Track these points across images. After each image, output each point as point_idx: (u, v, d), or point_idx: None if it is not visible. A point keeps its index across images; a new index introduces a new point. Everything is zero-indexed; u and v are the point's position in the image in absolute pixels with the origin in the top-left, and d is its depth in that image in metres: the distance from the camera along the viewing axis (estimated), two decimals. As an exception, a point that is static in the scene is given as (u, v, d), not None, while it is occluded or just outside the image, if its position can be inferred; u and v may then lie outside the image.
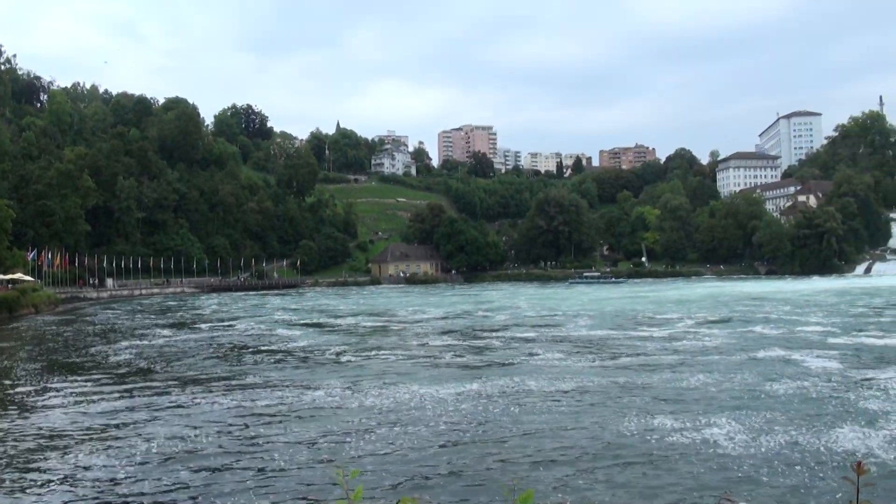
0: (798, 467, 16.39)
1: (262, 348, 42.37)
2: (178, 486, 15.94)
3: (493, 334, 48.74)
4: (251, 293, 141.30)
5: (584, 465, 17.03)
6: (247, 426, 21.34)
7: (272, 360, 36.45)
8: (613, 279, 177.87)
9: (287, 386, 28.14)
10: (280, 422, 21.86)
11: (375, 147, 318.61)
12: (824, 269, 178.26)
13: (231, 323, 64.16)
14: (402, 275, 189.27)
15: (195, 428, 21.05)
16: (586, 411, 22.83)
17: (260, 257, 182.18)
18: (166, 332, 55.90)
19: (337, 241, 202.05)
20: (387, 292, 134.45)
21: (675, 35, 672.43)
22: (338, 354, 38.29)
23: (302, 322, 63.93)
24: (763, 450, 17.75)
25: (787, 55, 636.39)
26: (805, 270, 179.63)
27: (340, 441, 19.29)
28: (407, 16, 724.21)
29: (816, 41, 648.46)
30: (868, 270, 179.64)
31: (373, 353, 38.69)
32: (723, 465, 16.69)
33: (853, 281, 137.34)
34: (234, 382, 29.63)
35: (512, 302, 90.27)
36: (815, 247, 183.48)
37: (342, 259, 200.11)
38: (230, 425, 21.50)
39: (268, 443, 19.38)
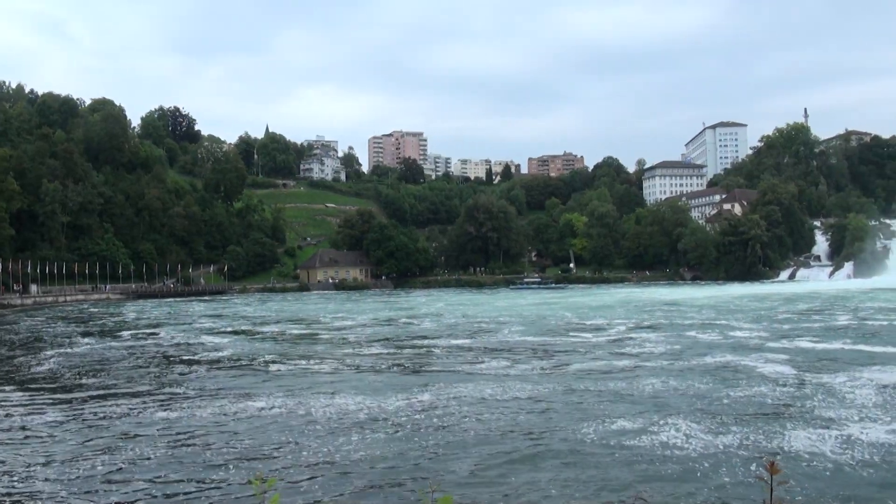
0: (741, 468, 16.70)
1: (187, 357, 40.98)
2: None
3: (428, 341, 48.36)
4: (177, 300, 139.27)
5: (526, 469, 17.09)
6: (171, 440, 20.43)
7: (198, 370, 35.27)
8: (554, 284, 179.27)
9: (213, 397, 27.25)
10: (206, 433, 21.12)
11: (305, 152, 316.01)
12: (749, 275, 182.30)
13: (154, 331, 62.49)
14: (331, 281, 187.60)
15: (114, 444, 20.06)
16: (531, 418, 22.81)
17: (186, 263, 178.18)
18: (88, 340, 53.94)
19: (265, 246, 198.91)
20: (315, 299, 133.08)
21: (603, 47, 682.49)
22: (266, 363, 37.17)
23: (228, 329, 62.63)
24: (700, 450, 17.98)
25: (714, 68, 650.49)
26: (730, 277, 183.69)
27: (268, 454, 18.69)
28: (337, 20, 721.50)
29: (742, 55, 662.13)
30: (792, 276, 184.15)
31: (302, 361, 37.76)
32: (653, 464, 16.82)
33: (775, 287, 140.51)
34: (156, 393, 28.54)
35: (444, 308, 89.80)
36: (740, 253, 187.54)
37: (270, 265, 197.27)
38: (154, 438, 20.63)
39: (194, 455, 18.71)
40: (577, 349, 41.20)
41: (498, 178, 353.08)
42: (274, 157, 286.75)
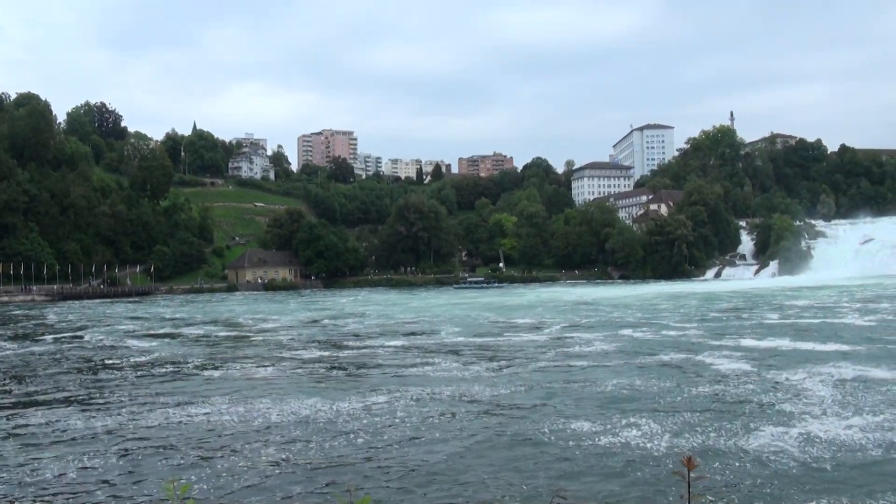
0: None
1: (114, 362, 39.32)
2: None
3: (368, 342, 47.79)
4: (103, 301, 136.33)
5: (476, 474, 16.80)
6: (99, 449, 19.58)
7: (127, 376, 33.85)
8: (497, 284, 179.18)
9: (148, 404, 26.17)
10: (142, 442, 20.27)
11: (233, 150, 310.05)
12: (675, 274, 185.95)
13: (78, 333, 61.01)
14: (259, 281, 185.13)
15: (36, 456, 19.04)
16: (493, 419, 22.51)
17: (113, 263, 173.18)
18: (10, 344, 52.26)
19: (192, 246, 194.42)
20: (243, 299, 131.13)
21: (534, 48, 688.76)
22: (197, 368, 35.96)
23: (155, 332, 61.41)
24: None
25: (642, 71, 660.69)
26: (657, 275, 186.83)
27: (194, 462, 18.03)
28: (269, 17, 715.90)
29: (670, 59, 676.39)
30: (718, 275, 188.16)
31: (235, 365, 36.75)
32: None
33: (702, 285, 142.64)
34: (85, 401, 27.30)
35: (377, 308, 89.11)
36: (667, 253, 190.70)
37: (198, 265, 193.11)
38: (81, 450, 19.72)
39: (122, 465, 18.04)
40: (523, 349, 41.00)
41: (429, 177, 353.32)
42: (202, 155, 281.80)
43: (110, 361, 40.17)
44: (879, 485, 15.61)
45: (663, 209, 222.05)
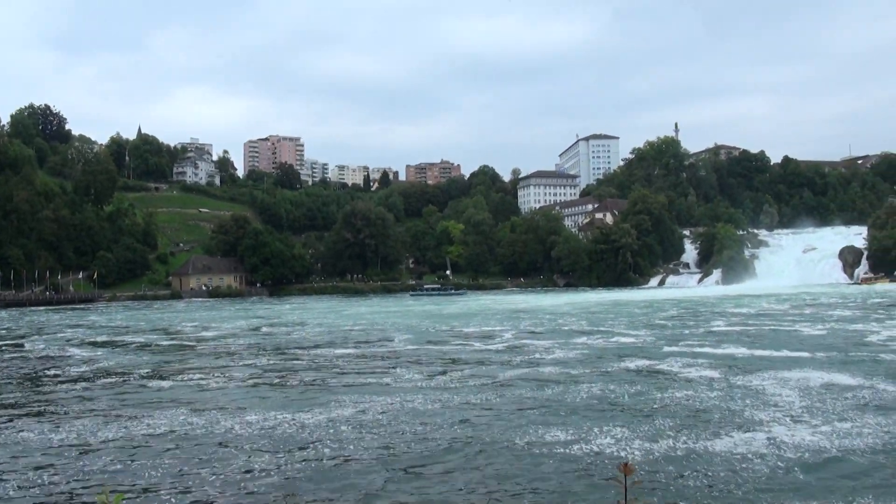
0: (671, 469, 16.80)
1: (56, 373, 38.24)
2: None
3: (320, 350, 47.15)
4: (45, 308, 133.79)
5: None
6: (42, 463, 19.06)
7: (72, 387, 32.87)
8: (453, 291, 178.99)
9: (96, 416, 25.39)
10: (96, 455, 19.73)
11: (178, 154, 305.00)
12: (620, 281, 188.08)
13: (20, 342, 60.06)
14: (204, 288, 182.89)
15: None
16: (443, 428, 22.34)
17: (55, 269, 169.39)
18: None
19: (136, 252, 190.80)
20: (188, 307, 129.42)
21: (482, 57, 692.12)
22: (144, 378, 35.11)
23: (99, 341, 60.36)
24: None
25: (589, 82, 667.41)
26: (602, 283, 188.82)
27: (161, 478, 17.42)
28: (216, 21, 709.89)
29: (617, 70, 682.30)
30: (662, 283, 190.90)
31: (183, 376, 35.74)
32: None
33: (647, 293, 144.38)
34: (31, 413, 26.57)
35: (326, 316, 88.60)
36: (612, 261, 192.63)
37: (142, 272, 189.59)
38: (38, 463, 19.31)
39: (84, 483, 17.44)
40: (483, 357, 40.92)
41: (376, 184, 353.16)
42: (146, 160, 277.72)
43: (54, 372, 38.93)
44: (843, 488, 15.87)
45: (608, 218, 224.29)
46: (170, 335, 65.18)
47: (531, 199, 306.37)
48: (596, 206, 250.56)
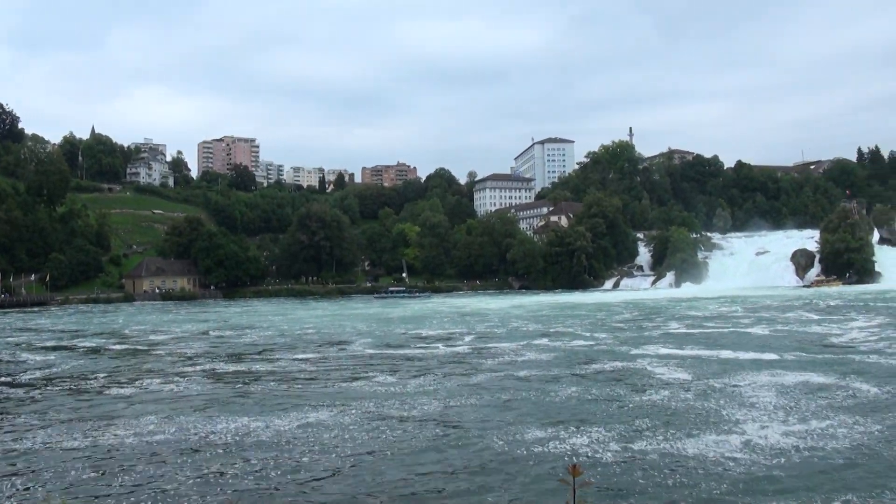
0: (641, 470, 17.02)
1: (9, 379, 37.48)
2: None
3: (280, 355, 46.77)
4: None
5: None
6: (26, 475, 18.60)
7: (28, 394, 32.31)
8: (419, 293, 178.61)
9: (57, 423, 24.81)
10: (50, 463, 19.36)
11: (131, 155, 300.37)
12: (575, 284, 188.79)
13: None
14: (157, 291, 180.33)
15: None
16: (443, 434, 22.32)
17: (7, 272, 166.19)
18: None
19: (89, 254, 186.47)
20: (142, 310, 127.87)
21: (439, 60, 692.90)
22: (104, 384, 34.51)
23: (53, 345, 59.22)
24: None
25: (544, 86, 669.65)
26: (557, 286, 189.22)
27: (135, 487, 17.20)
28: (171, 21, 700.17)
29: (572, 75, 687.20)
30: (616, 285, 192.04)
31: (141, 381, 35.18)
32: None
33: (602, 295, 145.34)
34: None
35: (284, 320, 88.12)
36: (567, 263, 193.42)
37: (95, 274, 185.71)
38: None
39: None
40: (446, 361, 41.00)
41: (331, 186, 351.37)
42: (100, 160, 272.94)
43: (6, 378, 38.11)
44: (821, 486, 16.12)
45: (563, 221, 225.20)
46: (123, 339, 63.91)
47: (487, 201, 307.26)
48: (551, 209, 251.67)
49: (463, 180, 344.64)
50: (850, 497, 15.49)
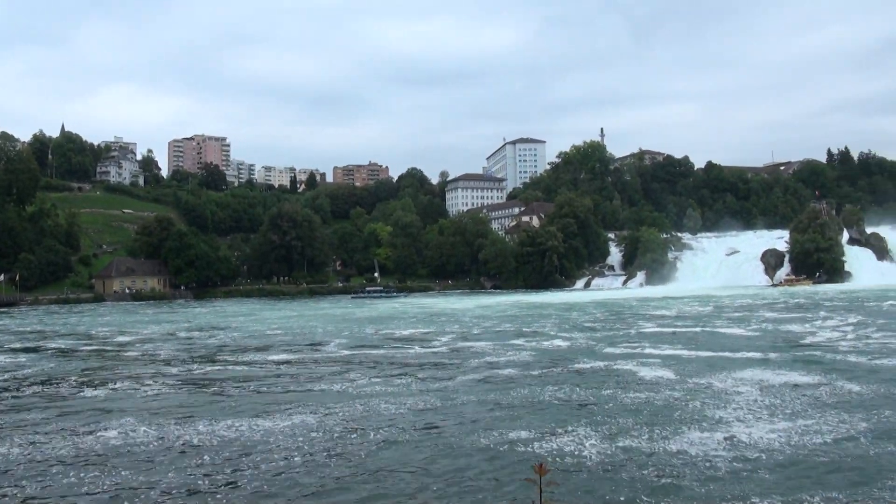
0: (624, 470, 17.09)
1: None
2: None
3: (257, 356, 46.21)
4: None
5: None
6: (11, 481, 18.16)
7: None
8: (395, 293, 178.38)
9: (29, 428, 24.22)
10: (31, 468, 19.02)
11: (102, 153, 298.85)
12: (546, 283, 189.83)
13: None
14: (127, 291, 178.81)
15: None
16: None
17: None
18: None
19: (59, 254, 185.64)
20: (112, 310, 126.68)
21: (410, 60, 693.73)
22: (78, 386, 33.95)
23: (19, 346, 58.78)
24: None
25: (516, 87, 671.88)
26: (528, 285, 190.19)
27: (130, 493, 16.98)
28: (142, 18, 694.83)
29: (544, 75, 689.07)
30: (587, 285, 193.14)
31: (117, 382, 34.55)
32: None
33: (573, 295, 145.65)
34: None
35: (254, 321, 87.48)
36: (538, 263, 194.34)
37: (65, 274, 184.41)
38: None
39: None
40: (425, 362, 40.83)
41: (303, 186, 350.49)
42: (69, 159, 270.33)
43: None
44: (804, 486, 16.22)
45: (535, 221, 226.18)
46: (94, 340, 63.11)
47: (459, 201, 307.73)
48: (523, 209, 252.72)
49: (435, 180, 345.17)
50: (837, 495, 15.68)
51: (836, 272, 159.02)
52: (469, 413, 25.16)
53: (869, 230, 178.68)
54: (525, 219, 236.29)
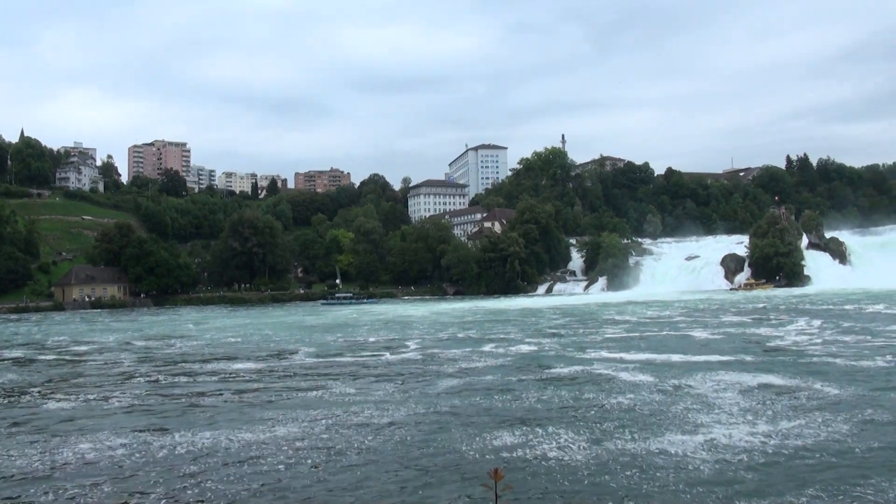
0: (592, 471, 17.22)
1: None
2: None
3: (224, 365, 46.07)
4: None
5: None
6: None
7: None
8: (366, 299, 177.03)
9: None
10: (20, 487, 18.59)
11: (61, 159, 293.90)
12: (509, 289, 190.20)
13: None
14: (87, 299, 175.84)
15: None
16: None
17: None
18: None
19: (18, 262, 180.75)
20: (71, 319, 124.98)
21: (373, 67, 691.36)
22: (43, 397, 33.72)
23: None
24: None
25: (478, 93, 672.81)
26: (490, 291, 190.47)
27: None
28: (103, 22, 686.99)
29: (506, 82, 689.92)
30: (549, 290, 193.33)
31: (83, 393, 34.23)
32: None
33: (535, 300, 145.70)
34: None
35: (217, 329, 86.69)
36: (500, 269, 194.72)
37: (23, 282, 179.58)
38: None
39: None
40: (399, 370, 40.86)
41: (264, 192, 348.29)
42: (28, 165, 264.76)
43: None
44: (786, 488, 16.52)
45: (497, 227, 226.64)
46: (51, 351, 62.28)
47: (421, 207, 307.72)
48: (485, 215, 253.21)
49: (397, 186, 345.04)
50: (822, 494, 16.03)
51: (795, 276, 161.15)
52: (446, 419, 25.28)
53: (828, 235, 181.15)
54: (487, 225, 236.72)
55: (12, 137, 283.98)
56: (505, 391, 30.53)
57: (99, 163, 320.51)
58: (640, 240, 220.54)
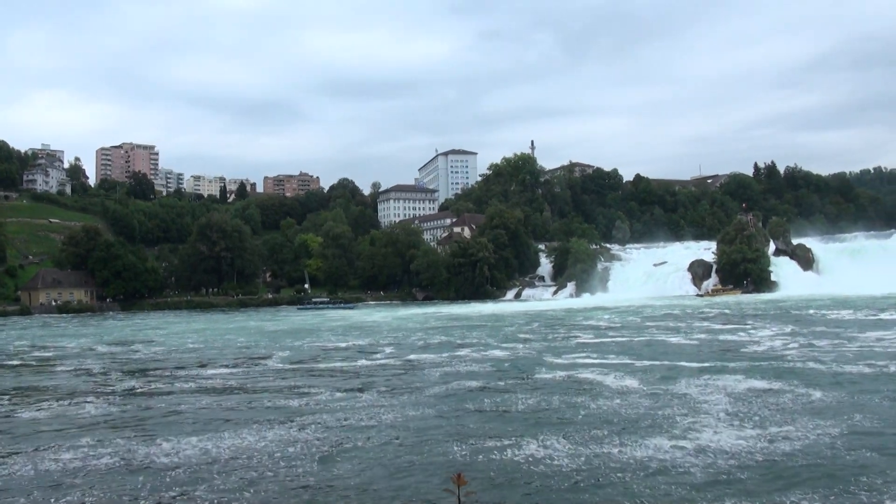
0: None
1: None
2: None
3: (201, 370, 45.67)
4: None
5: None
6: None
7: None
8: (343, 304, 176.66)
9: None
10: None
11: (28, 161, 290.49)
12: (478, 294, 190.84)
13: None
14: (54, 303, 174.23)
15: None
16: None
17: None
18: None
19: None
20: (37, 323, 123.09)
21: (344, 71, 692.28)
22: (11, 405, 32.97)
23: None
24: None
25: (448, 98, 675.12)
26: (460, 296, 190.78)
27: None
28: (72, 24, 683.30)
29: (476, 88, 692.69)
30: (518, 295, 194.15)
31: (53, 402, 33.38)
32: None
33: (505, 305, 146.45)
34: None
35: (186, 334, 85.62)
36: (469, 274, 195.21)
37: None
38: None
39: None
40: (378, 374, 40.79)
41: (233, 196, 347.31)
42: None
43: None
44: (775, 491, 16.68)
45: (466, 232, 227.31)
46: (14, 357, 61.03)
47: (391, 212, 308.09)
48: (454, 220, 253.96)
49: (367, 191, 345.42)
50: (812, 496, 16.24)
51: (762, 282, 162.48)
52: (429, 424, 25.34)
53: (795, 241, 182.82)
54: (457, 230, 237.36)
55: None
56: (488, 396, 30.66)
57: (67, 165, 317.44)
58: (608, 245, 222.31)
